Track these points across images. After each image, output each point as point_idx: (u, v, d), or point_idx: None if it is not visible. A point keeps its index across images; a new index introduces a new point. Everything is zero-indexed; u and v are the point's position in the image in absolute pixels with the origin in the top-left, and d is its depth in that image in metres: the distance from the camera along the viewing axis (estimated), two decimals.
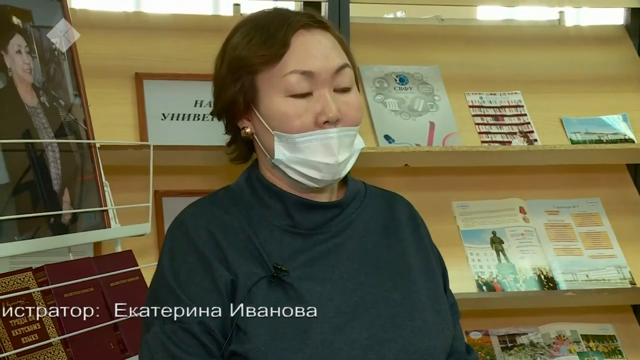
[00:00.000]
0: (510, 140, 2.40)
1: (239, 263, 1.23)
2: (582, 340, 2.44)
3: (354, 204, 1.33)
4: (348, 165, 1.28)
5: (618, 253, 2.43)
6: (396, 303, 1.26)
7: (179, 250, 1.26)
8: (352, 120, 1.26)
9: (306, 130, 1.23)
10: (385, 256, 1.31)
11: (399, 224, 1.35)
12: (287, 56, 1.24)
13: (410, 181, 2.44)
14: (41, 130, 1.58)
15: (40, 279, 1.47)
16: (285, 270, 1.23)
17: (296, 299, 1.22)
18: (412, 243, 1.34)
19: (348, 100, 1.26)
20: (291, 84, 1.23)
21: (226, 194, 1.32)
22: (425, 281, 1.31)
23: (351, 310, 1.23)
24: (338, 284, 1.25)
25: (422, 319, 1.26)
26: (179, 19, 2.44)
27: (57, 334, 1.45)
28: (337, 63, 1.25)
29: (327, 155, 1.24)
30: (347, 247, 1.29)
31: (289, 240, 1.27)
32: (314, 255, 1.26)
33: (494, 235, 2.42)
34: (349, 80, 1.27)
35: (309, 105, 1.24)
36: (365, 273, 1.27)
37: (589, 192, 2.54)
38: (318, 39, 1.26)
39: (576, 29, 2.82)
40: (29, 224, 1.50)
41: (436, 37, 2.58)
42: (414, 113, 2.38)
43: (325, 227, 1.29)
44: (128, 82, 2.26)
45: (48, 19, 1.68)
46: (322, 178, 1.25)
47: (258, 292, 1.22)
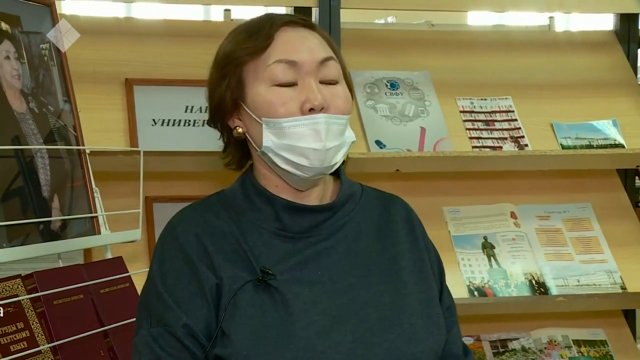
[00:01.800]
0: (501, 145, 2.41)
1: (224, 267, 1.24)
2: (574, 345, 2.45)
3: (348, 206, 1.33)
4: (338, 156, 1.27)
5: (609, 258, 2.44)
6: (385, 306, 1.25)
7: (167, 254, 1.27)
8: (339, 109, 1.26)
9: (292, 116, 1.24)
10: (377, 259, 1.30)
11: (393, 227, 1.35)
12: (271, 48, 1.26)
13: (402, 186, 2.44)
14: (30, 136, 1.57)
15: (29, 286, 1.47)
16: (272, 274, 1.23)
17: (281, 303, 1.22)
18: (406, 246, 1.34)
19: (335, 91, 1.27)
20: (275, 73, 1.25)
21: (219, 198, 1.33)
22: (417, 284, 1.31)
23: (338, 313, 1.23)
24: (327, 286, 1.25)
25: (410, 323, 1.25)
26: (169, 24, 2.43)
27: (47, 341, 1.44)
28: (322, 55, 1.27)
29: (314, 141, 1.24)
30: (338, 249, 1.29)
31: (278, 243, 1.27)
32: (303, 258, 1.26)
33: (485, 241, 2.42)
34: (336, 74, 1.28)
35: (294, 94, 1.25)
36: (356, 276, 1.27)
37: (580, 197, 2.55)
38: (302, 34, 1.29)
39: (566, 35, 2.83)
40: (18, 231, 1.49)
41: (427, 43, 2.58)
42: (405, 118, 2.39)
43: (316, 230, 1.29)
44: (118, 88, 2.25)
45: (37, 24, 1.67)
46: (310, 165, 1.25)
47: (243, 296, 1.22)
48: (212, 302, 1.23)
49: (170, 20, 2.47)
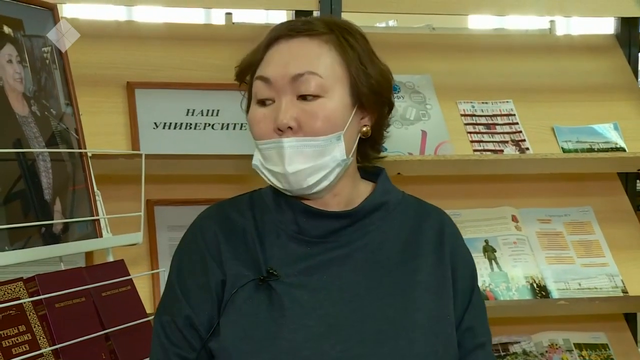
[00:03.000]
0: (502, 148, 2.41)
1: (231, 264, 1.26)
2: (575, 348, 2.45)
3: (377, 215, 1.30)
4: (314, 177, 1.24)
5: (610, 261, 2.44)
6: (386, 320, 1.23)
7: (186, 248, 1.32)
8: (311, 130, 1.23)
9: (266, 137, 1.25)
10: (394, 271, 1.27)
11: (421, 240, 1.31)
12: (260, 64, 1.28)
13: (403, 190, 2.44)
14: (32, 139, 1.57)
15: (31, 289, 1.46)
16: (276, 275, 1.24)
17: (277, 304, 1.22)
18: (430, 260, 1.30)
19: (309, 109, 1.23)
20: (255, 90, 1.27)
21: (251, 197, 1.35)
22: (431, 301, 1.27)
23: (336, 322, 1.22)
24: (332, 294, 1.24)
25: (409, 339, 1.22)
26: (171, 27, 2.44)
27: (48, 344, 1.44)
28: (295, 70, 1.24)
29: (279, 165, 1.24)
30: (355, 258, 1.27)
31: (294, 246, 1.27)
32: (315, 263, 1.26)
33: (486, 244, 2.42)
34: (311, 88, 1.23)
35: (269, 113, 1.25)
36: (366, 286, 1.25)
37: (581, 201, 2.55)
38: (290, 46, 1.26)
39: (567, 38, 2.83)
40: (20, 234, 1.49)
41: (428, 46, 2.58)
42: (406, 122, 2.39)
43: (334, 236, 1.28)
44: (120, 91, 2.25)
45: (39, 28, 1.68)
46: (283, 188, 1.26)
47: (243, 294, 1.24)
48: (216, 297, 1.26)
49: (171, 23, 2.47)
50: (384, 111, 1.34)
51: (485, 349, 1.32)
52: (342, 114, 1.25)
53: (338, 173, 1.26)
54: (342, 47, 1.27)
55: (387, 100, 1.33)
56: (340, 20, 1.34)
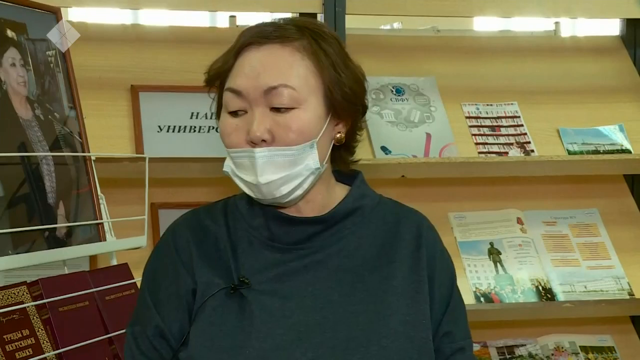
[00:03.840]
0: (507, 151, 2.40)
1: (202, 272, 1.25)
2: (581, 351, 2.44)
3: (351, 219, 1.29)
4: (286, 187, 1.22)
5: (616, 264, 2.43)
6: (358, 326, 1.21)
7: (159, 255, 1.31)
8: (285, 142, 1.21)
9: (238, 147, 1.23)
10: (368, 277, 1.25)
11: (398, 244, 1.29)
12: (230, 73, 1.25)
13: (407, 192, 2.44)
14: (36, 143, 1.57)
15: (34, 293, 1.47)
16: (247, 283, 1.22)
17: (247, 312, 1.21)
18: (405, 265, 1.27)
19: (282, 121, 1.21)
20: (226, 101, 1.24)
21: (225, 204, 1.33)
22: (405, 306, 1.24)
23: (306, 330, 1.19)
24: (304, 301, 1.22)
25: (380, 346, 1.20)
26: (175, 31, 2.44)
27: (52, 348, 1.44)
28: (268, 83, 1.21)
29: (250, 175, 1.22)
30: (329, 264, 1.25)
31: (267, 253, 1.26)
32: (287, 270, 1.24)
33: (491, 247, 2.41)
34: (288, 100, 1.21)
35: (241, 124, 1.23)
36: (340, 292, 1.23)
37: (587, 203, 2.54)
38: (261, 55, 1.23)
39: (572, 40, 2.83)
40: (24, 238, 1.49)
41: (432, 48, 2.58)
42: (410, 124, 2.38)
43: (307, 242, 1.26)
44: (124, 94, 2.25)
45: (43, 31, 1.68)
46: (255, 196, 1.25)
47: (212, 303, 1.22)
48: (186, 306, 1.24)
49: (176, 26, 2.47)
50: (358, 116, 1.32)
51: (465, 353, 1.30)
52: (315, 124, 1.23)
53: (312, 181, 1.24)
54: (316, 54, 1.23)
55: (361, 106, 1.31)
56: (313, 23, 1.29)
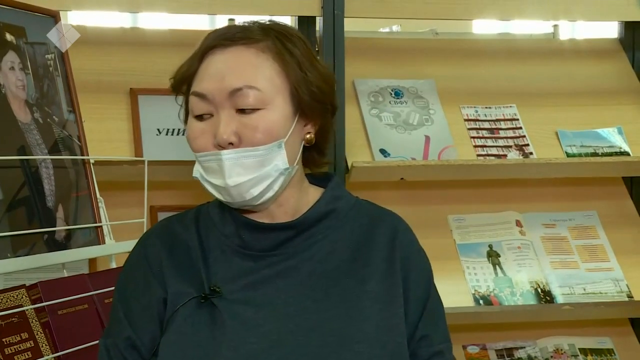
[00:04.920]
0: (506, 153, 2.40)
1: (173, 282, 1.23)
2: (580, 353, 2.44)
3: (324, 223, 1.27)
4: (257, 188, 1.21)
5: (615, 266, 2.43)
6: (331, 332, 1.19)
7: (131, 266, 1.29)
8: (252, 143, 1.20)
9: (205, 150, 1.22)
10: (342, 281, 1.23)
11: (372, 248, 1.27)
12: (195, 77, 1.24)
13: (406, 195, 2.44)
14: (35, 146, 1.58)
15: (34, 296, 1.47)
16: (219, 292, 1.20)
17: (219, 323, 1.19)
18: (379, 268, 1.25)
19: (248, 122, 1.20)
20: (191, 106, 1.23)
21: (197, 212, 1.32)
22: (379, 311, 1.22)
23: (279, 338, 1.18)
24: (278, 309, 1.20)
25: (354, 352, 1.18)
26: (174, 34, 2.44)
27: (51, 351, 1.45)
28: (232, 85, 1.20)
29: (219, 177, 1.21)
30: (301, 270, 1.23)
31: (238, 261, 1.24)
32: (259, 278, 1.22)
33: (490, 249, 2.41)
34: (253, 101, 1.20)
35: (207, 127, 1.21)
36: (313, 298, 1.21)
37: (585, 205, 2.54)
38: (225, 58, 1.22)
39: (571, 42, 2.83)
40: (23, 241, 1.49)
41: (431, 51, 2.58)
42: (409, 127, 2.39)
43: (280, 248, 1.24)
44: (123, 98, 2.26)
45: (42, 35, 1.68)
46: (225, 200, 1.23)
47: (183, 313, 1.20)
48: (157, 317, 1.22)
49: (175, 30, 2.47)
50: (328, 117, 1.30)
51: (444, 356, 1.28)
52: (283, 124, 1.22)
53: (282, 183, 1.23)
54: (281, 55, 1.22)
55: (331, 105, 1.29)
56: (278, 24, 1.28)
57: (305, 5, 2.30)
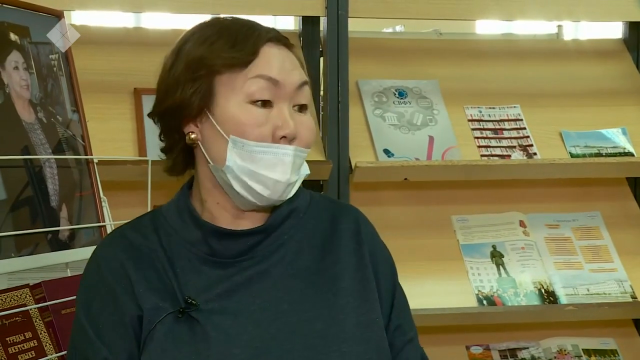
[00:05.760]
0: (510, 154, 2.40)
1: (146, 297, 1.17)
2: (584, 354, 2.43)
3: (287, 223, 1.24)
4: (294, 190, 1.20)
5: (619, 267, 2.42)
6: (315, 334, 1.17)
7: (91, 283, 1.21)
8: (305, 142, 1.20)
9: (263, 141, 1.17)
10: (315, 281, 1.21)
11: (339, 243, 1.25)
12: (254, 63, 1.18)
13: (410, 195, 2.44)
14: (38, 146, 1.58)
15: (37, 296, 1.47)
16: (195, 304, 1.15)
17: (200, 335, 1.14)
18: (350, 264, 1.24)
19: (304, 121, 1.20)
20: (253, 90, 1.17)
21: (152, 218, 1.26)
22: (356, 307, 1.21)
23: (262, 345, 1.15)
24: (255, 315, 1.17)
25: (341, 352, 1.16)
26: (178, 34, 2.40)
27: (54, 350, 1.45)
28: (300, 79, 1.21)
29: (279, 172, 1.17)
30: (273, 273, 1.20)
31: (208, 270, 1.19)
32: (232, 285, 1.18)
33: (494, 249, 2.41)
34: (308, 99, 1.22)
35: (268, 117, 1.17)
36: (289, 301, 1.19)
37: (589, 206, 2.54)
38: (284, 53, 1.21)
39: (575, 43, 2.83)
40: (27, 241, 1.49)
41: (435, 51, 2.58)
42: (413, 127, 2.38)
43: (249, 253, 1.20)
44: (127, 97, 2.26)
45: (46, 35, 1.68)
46: (268, 196, 1.17)
47: (162, 329, 1.15)
48: (133, 334, 1.16)
49: (179, 30, 2.45)
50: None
51: (413, 342, 1.28)
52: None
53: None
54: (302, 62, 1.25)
55: None
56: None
57: (309, 5, 2.30)
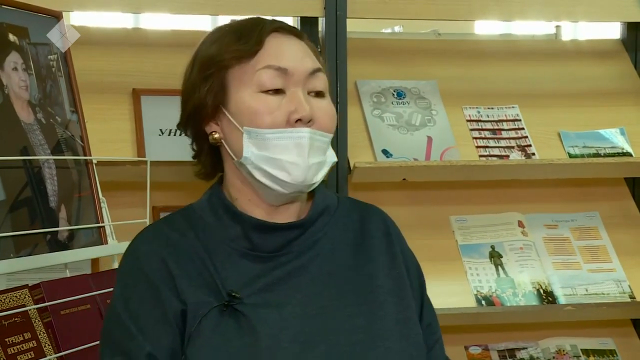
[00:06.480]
0: (508, 154, 2.40)
1: (189, 292, 1.17)
2: (582, 354, 2.44)
3: (321, 220, 1.26)
4: (319, 175, 1.21)
5: (617, 267, 2.43)
6: (359, 330, 1.19)
7: (130, 279, 1.21)
8: (324, 126, 1.21)
9: (277, 127, 1.18)
10: (352, 278, 1.23)
11: (371, 242, 1.28)
12: (260, 53, 1.20)
13: (408, 196, 2.44)
14: (37, 147, 1.58)
15: (36, 296, 1.47)
16: (239, 298, 1.17)
17: (248, 329, 1.15)
18: (383, 263, 1.27)
19: (322, 106, 1.22)
20: (263, 79, 1.19)
21: (184, 215, 1.27)
22: (394, 304, 1.23)
23: (308, 339, 1.16)
24: (297, 309, 1.18)
25: (386, 347, 1.19)
26: (177, 34, 2.44)
27: (54, 351, 1.45)
28: (311, 66, 1.22)
29: (297, 155, 1.17)
30: (311, 268, 1.22)
31: (248, 264, 1.21)
32: (273, 279, 1.20)
33: (492, 250, 2.41)
34: (324, 85, 1.23)
35: (282, 103, 1.19)
36: (328, 296, 1.20)
37: (588, 206, 2.54)
38: (292, 42, 1.23)
39: (573, 43, 2.83)
40: (26, 241, 1.49)
41: (434, 52, 2.58)
42: (411, 127, 2.39)
43: (287, 248, 1.22)
44: (125, 98, 2.26)
45: (45, 36, 1.68)
46: (290, 181, 1.18)
47: (208, 323, 1.16)
48: (177, 329, 1.16)
49: (177, 30, 2.48)
50: None
51: (440, 342, 1.31)
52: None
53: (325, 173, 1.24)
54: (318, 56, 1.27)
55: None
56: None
57: (308, 5, 2.30)
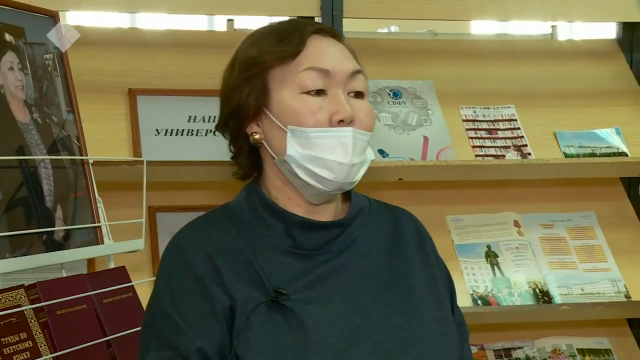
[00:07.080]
0: (504, 154, 2.41)
1: (237, 287, 1.18)
2: (578, 354, 2.44)
3: (357, 221, 1.29)
4: (360, 173, 1.24)
5: (613, 266, 2.43)
6: (400, 327, 1.21)
7: (175, 274, 1.21)
8: (365, 125, 1.24)
9: (320, 126, 1.21)
10: (389, 277, 1.26)
11: (404, 243, 1.31)
12: (302, 55, 1.23)
13: (405, 195, 2.44)
14: (34, 146, 1.58)
15: (32, 296, 1.47)
16: (286, 294, 1.18)
17: (296, 325, 1.17)
18: (417, 262, 1.30)
19: (362, 106, 1.24)
20: (305, 81, 1.22)
21: (223, 213, 1.28)
22: (430, 303, 1.27)
23: (352, 335, 1.18)
24: (339, 306, 1.20)
25: (427, 344, 1.22)
26: (173, 34, 2.44)
27: (50, 351, 1.44)
28: (352, 67, 1.25)
29: (341, 154, 1.20)
30: (350, 267, 1.24)
31: (291, 261, 1.22)
32: (315, 277, 1.22)
33: (488, 249, 2.42)
34: (363, 86, 1.26)
35: (323, 104, 1.21)
36: (368, 295, 1.23)
37: (583, 206, 2.55)
38: (332, 43, 1.26)
39: (569, 43, 2.84)
40: (21, 241, 1.49)
41: (430, 52, 2.59)
42: (407, 127, 2.39)
43: (327, 247, 1.24)
44: (121, 98, 2.26)
45: (41, 35, 1.68)
46: (333, 179, 1.20)
47: (257, 318, 1.17)
48: (225, 324, 1.17)
49: (173, 30, 2.48)
50: None
51: (467, 342, 1.35)
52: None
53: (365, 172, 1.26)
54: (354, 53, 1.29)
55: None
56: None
57: (304, 5, 2.31)
